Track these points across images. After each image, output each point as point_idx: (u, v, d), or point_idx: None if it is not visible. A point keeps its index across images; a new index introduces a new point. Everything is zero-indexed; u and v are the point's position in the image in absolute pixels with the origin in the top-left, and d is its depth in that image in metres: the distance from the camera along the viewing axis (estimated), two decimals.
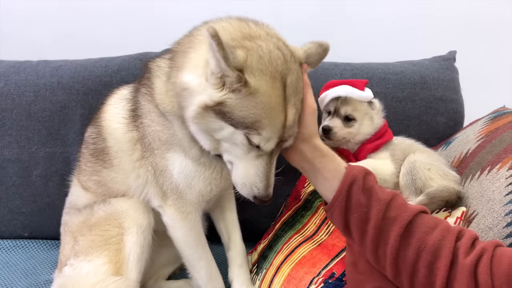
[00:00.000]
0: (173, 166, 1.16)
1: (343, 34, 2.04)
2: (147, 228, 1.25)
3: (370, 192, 0.97)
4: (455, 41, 1.95)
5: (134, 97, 1.25)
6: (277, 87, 0.91)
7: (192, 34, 1.11)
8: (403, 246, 0.92)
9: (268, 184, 1.01)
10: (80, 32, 2.01)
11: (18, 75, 1.64)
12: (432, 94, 1.69)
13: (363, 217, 0.96)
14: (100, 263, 1.20)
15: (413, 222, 0.93)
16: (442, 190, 1.24)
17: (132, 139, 1.23)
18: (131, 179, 1.26)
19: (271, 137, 0.94)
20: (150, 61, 1.24)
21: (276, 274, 1.27)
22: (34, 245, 1.67)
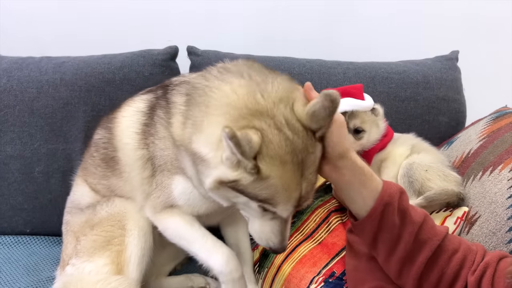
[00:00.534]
0: (175, 186, 1.16)
1: (346, 33, 2.05)
2: (148, 231, 1.25)
3: (405, 214, 0.96)
4: (458, 41, 1.96)
5: (150, 113, 1.23)
6: (288, 169, 0.90)
7: (207, 86, 1.03)
8: (428, 268, 0.94)
9: (283, 239, 1.01)
10: (82, 29, 2.01)
11: (20, 71, 1.64)
12: (435, 93, 1.70)
13: (394, 237, 0.96)
14: (102, 264, 1.20)
15: (441, 246, 0.95)
16: (441, 193, 1.25)
17: (143, 157, 1.22)
18: (138, 193, 1.26)
19: (286, 209, 0.95)
20: (168, 88, 1.20)
21: (277, 273, 1.28)
22: (36, 242, 1.66)
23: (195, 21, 2.01)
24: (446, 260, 0.94)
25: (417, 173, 1.30)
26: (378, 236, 0.98)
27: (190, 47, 1.77)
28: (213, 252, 1.15)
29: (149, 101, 1.27)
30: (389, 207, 0.95)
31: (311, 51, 1.82)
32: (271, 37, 2.01)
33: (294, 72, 1.67)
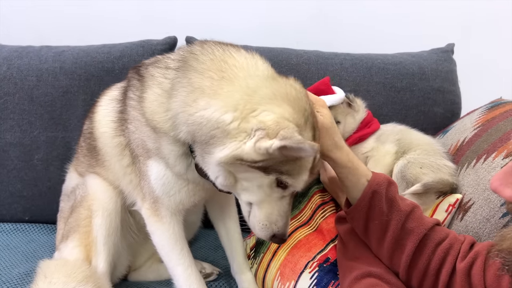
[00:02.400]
0: (151, 172, 1.14)
1: (343, 25, 2.07)
2: (113, 212, 1.26)
3: (392, 202, 1.02)
4: (454, 33, 1.98)
5: (123, 99, 1.22)
6: (311, 134, 0.96)
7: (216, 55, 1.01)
8: (417, 256, 0.99)
9: (287, 222, 1.01)
10: (82, 19, 2.02)
11: (21, 60, 1.65)
12: (430, 85, 1.71)
13: (383, 225, 1.02)
14: (72, 246, 1.23)
15: (428, 235, 0.99)
16: (438, 182, 1.27)
17: (120, 144, 1.22)
18: (124, 183, 1.26)
19: (302, 179, 0.95)
20: (140, 66, 1.17)
21: (272, 258, 1.29)
22: (34, 229, 1.68)
23: (194, 12, 2.03)
24: (432, 248, 0.98)
25: (411, 169, 1.32)
26: (368, 224, 1.03)
27: (189, 37, 1.78)
28: None
29: (122, 87, 1.26)
30: (376, 195, 1.01)
31: (309, 43, 1.83)
32: (269, 28, 2.02)
33: (291, 63, 1.69)
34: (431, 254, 0.98)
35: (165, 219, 1.16)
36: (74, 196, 1.31)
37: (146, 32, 1.79)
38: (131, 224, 1.38)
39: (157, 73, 1.08)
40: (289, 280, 1.20)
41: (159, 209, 1.16)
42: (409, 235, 1.00)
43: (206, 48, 1.03)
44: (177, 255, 1.17)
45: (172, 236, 1.17)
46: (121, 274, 1.40)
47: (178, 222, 1.19)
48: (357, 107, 1.47)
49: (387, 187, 1.02)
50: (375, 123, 1.49)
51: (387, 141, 1.43)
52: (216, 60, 0.99)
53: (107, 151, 1.26)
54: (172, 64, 1.07)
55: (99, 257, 1.22)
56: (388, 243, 1.01)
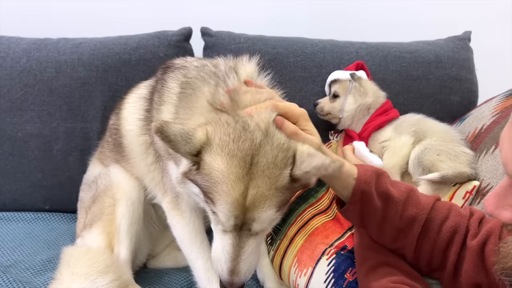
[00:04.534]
0: (172, 171, 1.17)
1: (359, 14, 2.06)
2: (136, 201, 1.29)
3: (386, 196, 0.98)
4: (471, 21, 1.95)
5: (150, 98, 1.25)
6: (235, 165, 0.86)
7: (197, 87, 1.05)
8: (422, 239, 0.98)
9: (232, 269, 0.91)
10: (98, 11, 2.04)
11: (39, 52, 1.68)
12: (447, 73, 1.70)
13: (379, 219, 0.99)
14: (96, 233, 1.26)
15: (430, 217, 0.98)
16: (457, 176, 1.26)
17: (145, 143, 1.25)
18: (147, 180, 1.30)
19: (226, 214, 0.87)
20: (168, 70, 1.20)
21: (290, 245, 1.30)
22: (54, 218, 1.71)
23: (209, 3, 2.03)
24: (436, 230, 0.97)
25: (428, 156, 1.31)
26: (363, 220, 1.01)
27: (204, 28, 1.79)
28: (212, 282, 1.16)
29: (150, 86, 1.30)
30: (366, 194, 0.97)
31: (324, 32, 1.83)
32: (284, 18, 2.02)
33: (307, 52, 1.69)
34: (436, 236, 0.97)
35: (186, 213, 1.20)
36: (96, 186, 1.34)
37: (161, 23, 1.81)
38: (152, 214, 1.41)
39: (173, 88, 1.13)
40: (306, 267, 1.20)
41: (180, 204, 1.19)
42: (410, 223, 0.98)
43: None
44: (197, 249, 1.20)
45: (193, 230, 1.20)
46: (141, 262, 1.43)
47: (198, 217, 1.21)
48: (362, 89, 1.49)
49: (376, 182, 0.98)
50: (393, 111, 1.49)
51: (404, 132, 1.42)
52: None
53: (132, 148, 1.29)
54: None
55: (122, 245, 1.25)
56: (389, 235, 1.01)
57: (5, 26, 1.86)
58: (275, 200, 0.88)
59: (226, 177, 0.85)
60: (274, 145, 0.88)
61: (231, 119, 0.91)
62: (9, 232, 1.58)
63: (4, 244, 1.49)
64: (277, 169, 0.87)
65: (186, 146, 0.86)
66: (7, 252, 1.44)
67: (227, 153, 0.86)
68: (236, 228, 0.89)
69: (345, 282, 1.10)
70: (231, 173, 0.85)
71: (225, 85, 1.01)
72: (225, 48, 1.69)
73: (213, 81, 1.03)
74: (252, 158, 0.86)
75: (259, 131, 0.89)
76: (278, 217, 0.94)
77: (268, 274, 1.33)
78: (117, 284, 1.15)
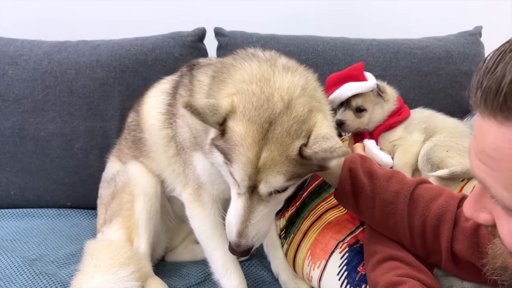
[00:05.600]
0: (197, 163, 1.20)
1: (369, 11, 2.08)
2: (153, 197, 1.33)
3: (371, 173, 1.07)
4: (481, 16, 1.95)
5: (173, 93, 1.30)
6: (253, 130, 0.93)
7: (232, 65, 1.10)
8: (410, 215, 1.01)
9: (240, 231, 0.97)
10: (115, 14, 2.10)
11: (60, 54, 1.74)
12: (458, 68, 1.71)
13: (368, 195, 1.06)
14: (115, 228, 1.30)
15: (416, 192, 1.02)
16: (466, 172, 1.27)
17: (167, 136, 1.29)
18: (167, 172, 1.34)
19: (240, 172, 0.94)
20: (195, 67, 1.25)
21: (303, 238, 1.33)
22: (76, 214, 1.76)
23: (222, 3, 2.07)
24: (424, 205, 1.00)
25: (437, 152, 1.32)
26: (356, 200, 1.07)
27: (217, 28, 1.83)
28: (230, 273, 1.19)
29: (173, 81, 1.34)
30: (353, 171, 1.06)
31: (335, 29, 1.86)
32: (295, 16, 2.05)
33: (318, 50, 1.72)
34: (424, 211, 0.99)
35: (207, 205, 1.22)
36: (114, 183, 1.39)
37: (176, 24, 1.85)
38: (169, 209, 1.45)
39: (203, 80, 1.18)
40: (319, 260, 1.23)
41: (202, 195, 1.22)
42: (396, 197, 1.02)
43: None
44: (216, 240, 1.22)
45: (213, 221, 1.23)
46: (160, 255, 1.48)
47: (218, 209, 1.24)
48: (387, 97, 1.43)
49: (361, 161, 1.08)
50: (405, 110, 1.47)
51: (414, 130, 1.42)
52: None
53: (154, 142, 1.33)
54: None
55: (141, 239, 1.29)
56: (379, 211, 1.04)
57: (28, 30, 1.92)
58: (285, 168, 0.93)
59: (243, 140, 0.93)
60: (291, 116, 0.95)
61: (259, 89, 0.98)
62: (34, 228, 1.64)
63: (29, 239, 1.55)
64: (289, 138, 0.93)
65: (214, 116, 0.94)
66: (32, 247, 1.50)
67: (248, 119, 0.94)
68: (248, 190, 0.96)
69: (358, 275, 1.12)
70: (249, 136, 0.93)
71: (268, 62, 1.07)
72: (238, 48, 1.67)
73: (255, 59, 1.09)
74: (269, 126, 0.93)
75: (281, 103, 0.96)
76: (288, 189, 1.00)
77: (282, 267, 1.36)
78: (137, 275, 1.19)
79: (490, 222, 0.68)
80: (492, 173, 0.62)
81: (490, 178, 0.62)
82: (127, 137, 1.46)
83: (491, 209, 0.67)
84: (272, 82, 1.00)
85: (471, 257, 0.92)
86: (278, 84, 0.99)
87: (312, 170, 1.00)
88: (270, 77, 1.01)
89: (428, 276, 0.99)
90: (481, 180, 0.65)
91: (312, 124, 0.96)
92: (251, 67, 1.06)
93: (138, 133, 1.38)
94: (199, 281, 1.35)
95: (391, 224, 1.05)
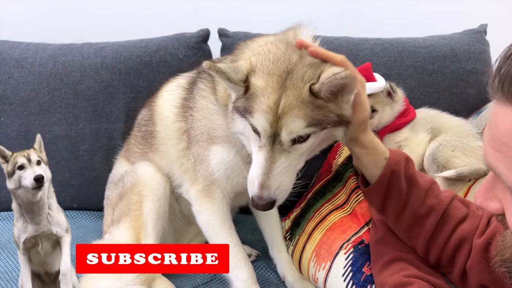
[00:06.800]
0: (213, 157, 1.22)
1: (373, 10, 2.07)
2: (162, 197, 1.34)
3: (412, 180, 1.03)
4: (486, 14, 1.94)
5: (190, 88, 1.32)
6: (273, 81, 0.98)
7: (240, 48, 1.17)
8: (436, 232, 1.01)
9: (263, 183, 0.98)
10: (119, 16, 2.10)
11: (65, 57, 1.75)
12: (463, 66, 1.70)
13: (402, 202, 1.03)
14: (124, 228, 1.31)
15: (448, 210, 1.01)
16: (473, 173, 1.26)
17: (180, 129, 1.31)
18: (175, 166, 1.35)
19: (262, 120, 0.97)
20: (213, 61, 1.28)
21: (308, 240, 1.34)
22: (82, 216, 1.77)
23: (225, 4, 2.07)
24: (453, 227, 1.00)
25: (443, 152, 1.32)
26: (386, 202, 1.05)
27: (221, 29, 1.83)
28: (240, 266, 1.21)
29: (190, 77, 1.37)
30: (395, 174, 1.02)
31: (338, 29, 1.85)
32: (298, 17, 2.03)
33: None
34: (451, 232, 1.00)
35: (217, 200, 1.24)
36: (122, 184, 1.40)
37: (179, 25, 1.85)
38: (176, 209, 1.46)
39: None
40: (324, 261, 1.24)
41: (213, 191, 1.24)
42: (429, 212, 1.01)
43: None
44: (225, 233, 1.24)
45: (222, 215, 1.25)
46: None
47: (227, 204, 1.27)
48: (397, 97, 1.44)
49: (405, 165, 1.04)
50: (411, 111, 1.47)
51: (420, 130, 1.42)
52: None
53: (166, 134, 1.35)
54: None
55: (149, 239, 1.30)
56: (407, 220, 1.03)
57: (33, 33, 1.93)
58: (303, 112, 0.96)
59: (264, 90, 0.97)
60: (305, 64, 0.99)
61: (274, 47, 1.04)
62: None
63: None
64: (303, 82, 0.97)
65: (237, 74, 0.99)
66: None
67: (267, 73, 0.99)
68: (270, 140, 0.98)
69: (363, 276, 1.12)
70: (269, 87, 0.97)
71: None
72: None
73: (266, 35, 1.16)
74: (287, 75, 0.98)
75: (296, 54, 1.01)
76: (309, 140, 1.00)
77: (288, 269, 1.36)
78: (143, 278, 1.20)
79: (500, 211, 0.68)
80: (504, 160, 0.61)
81: (502, 165, 0.62)
82: (136, 134, 1.47)
83: (501, 198, 0.67)
84: (286, 36, 1.07)
85: (481, 274, 0.92)
86: (291, 38, 1.06)
87: (330, 118, 0.99)
88: (283, 36, 1.08)
89: (437, 277, 0.99)
90: (493, 168, 0.65)
91: (323, 68, 1.00)
92: (265, 37, 1.13)
93: (150, 127, 1.40)
94: (206, 281, 1.36)
95: (413, 233, 1.04)
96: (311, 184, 1.60)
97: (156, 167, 1.39)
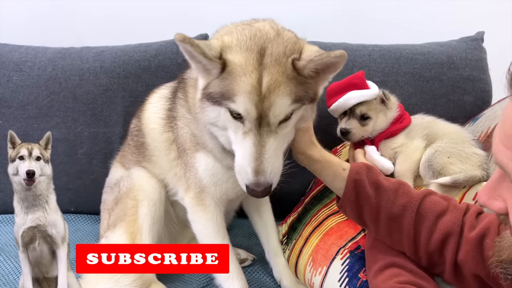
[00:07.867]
0: (199, 164, 1.22)
1: (371, 16, 2.08)
2: (157, 202, 1.34)
3: (377, 184, 1.05)
4: (483, 21, 1.95)
5: (172, 97, 1.32)
6: (253, 57, 0.95)
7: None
8: (416, 230, 1.01)
9: (256, 169, 0.94)
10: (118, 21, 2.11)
11: (64, 61, 1.75)
12: (460, 73, 1.71)
13: (374, 208, 1.05)
14: (119, 233, 1.31)
15: (422, 205, 1.02)
16: (468, 180, 1.26)
17: (168, 140, 1.31)
18: (169, 176, 1.35)
19: (246, 102, 0.93)
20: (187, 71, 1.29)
21: (305, 244, 1.34)
22: (80, 219, 1.78)
23: (224, 8, 2.09)
24: (431, 221, 1.00)
25: (439, 159, 1.32)
26: (360, 211, 1.07)
27: None
28: (232, 278, 1.20)
29: (172, 87, 1.37)
30: (359, 182, 1.05)
31: (336, 35, 1.86)
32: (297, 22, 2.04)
33: None
34: (431, 227, 1.00)
35: (209, 208, 1.23)
36: (118, 188, 1.40)
37: (178, 30, 1.84)
38: (172, 214, 1.46)
39: (192, 75, 1.21)
40: (321, 266, 1.24)
41: (204, 199, 1.23)
42: (403, 211, 1.02)
43: None
44: (219, 243, 1.23)
45: (215, 225, 1.24)
46: None
47: (221, 212, 1.26)
48: (391, 104, 1.43)
49: (367, 172, 1.06)
50: (407, 117, 1.46)
51: (416, 136, 1.41)
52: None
53: (156, 146, 1.35)
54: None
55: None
56: (385, 224, 1.04)
57: (32, 36, 1.94)
58: (288, 89, 0.94)
59: (244, 68, 0.94)
60: (284, 39, 1.00)
61: (247, 26, 1.04)
62: None
63: None
64: (285, 57, 0.96)
65: (211, 50, 0.94)
66: None
67: (246, 49, 0.96)
68: (256, 123, 0.95)
69: (359, 282, 1.13)
70: (249, 64, 0.94)
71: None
72: None
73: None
74: (265, 51, 0.96)
75: (272, 30, 1.02)
76: (292, 118, 0.99)
77: (284, 273, 1.37)
78: (139, 283, 1.21)
79: (503, 210, 0.68)
80: None
81: None
82: (130, 143, 1.48)
83: (506, 198, 0.67)
84: (256, 23, 1.07)
85: (476, 267, 0.93)
86: (261, 24, 1.06)
87: (308, 95, 1.00)
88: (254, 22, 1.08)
89: (430, 283, 0.99)
90: (503, 166, 0.65)
91: (302, 45, 1.02)
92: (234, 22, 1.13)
93: (140, 138, 1.40)
94: (201, 286, 1.36)
95: (396, 237, 1.05)
96: (308, 188, 1.61)
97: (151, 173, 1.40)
